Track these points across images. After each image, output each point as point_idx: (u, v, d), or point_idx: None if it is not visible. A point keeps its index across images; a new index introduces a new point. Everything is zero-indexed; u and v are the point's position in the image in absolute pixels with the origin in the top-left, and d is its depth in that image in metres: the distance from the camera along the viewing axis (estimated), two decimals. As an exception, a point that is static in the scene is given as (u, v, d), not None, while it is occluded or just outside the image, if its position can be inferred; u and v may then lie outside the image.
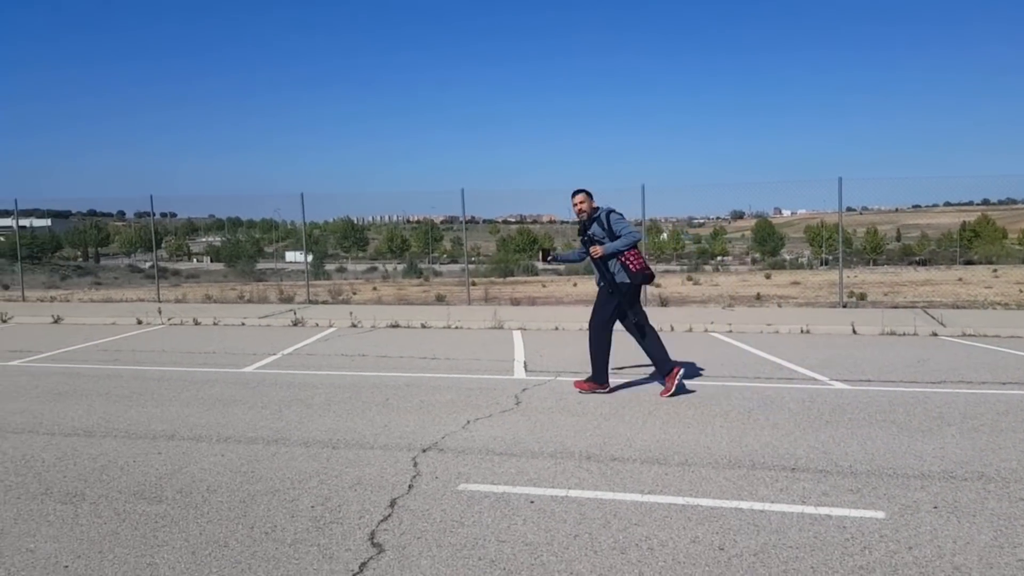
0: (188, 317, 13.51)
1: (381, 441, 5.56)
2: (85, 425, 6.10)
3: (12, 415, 6.43)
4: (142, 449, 5.40)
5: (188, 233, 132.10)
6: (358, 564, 3.52)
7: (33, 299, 19.10)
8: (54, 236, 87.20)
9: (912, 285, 40.14)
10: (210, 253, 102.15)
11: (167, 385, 7.72)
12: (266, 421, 6.19)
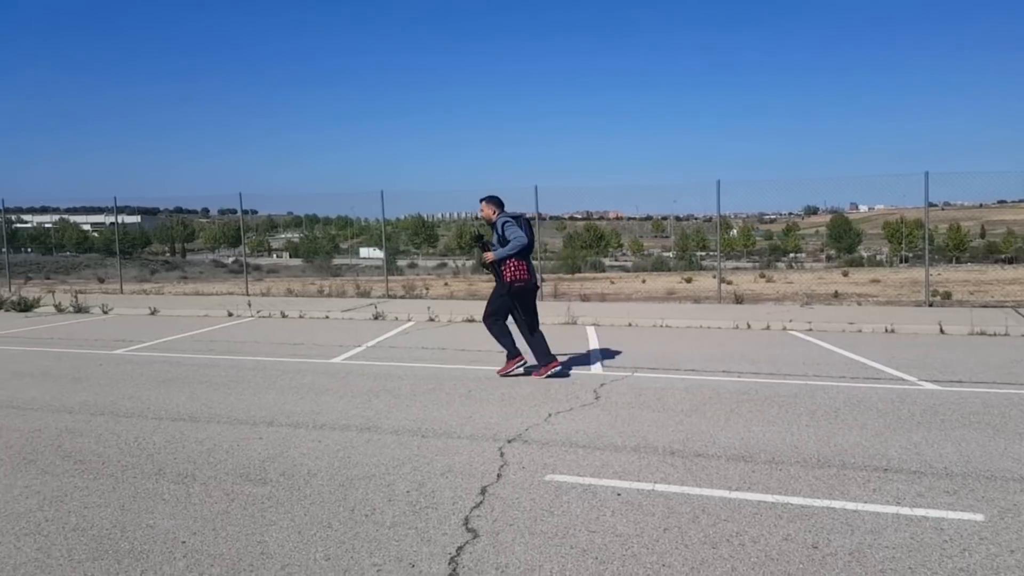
0: (275, 310, 13.95)
1: (467, 431, 5.68)
2: (189, 410, 6.40)
3: (122, 400, 6.79)
4: (244, 434, 5.64)
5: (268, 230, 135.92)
6: (455, 548, 3.62)
7: (129, 292, 19.96)
8: (144, 232, 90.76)
9: (999, 284, 38.59)
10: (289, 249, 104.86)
11: (262, 374, 8.02)
12: (357, 409, 6.39)
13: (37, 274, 41.78)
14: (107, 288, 21.77)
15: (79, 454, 5.14)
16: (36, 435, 5.62)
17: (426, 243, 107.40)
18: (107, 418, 6.14)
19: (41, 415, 6.24)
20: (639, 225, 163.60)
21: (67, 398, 6.87)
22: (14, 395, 6.99)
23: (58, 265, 53.11)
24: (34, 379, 7.78)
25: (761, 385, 7.34)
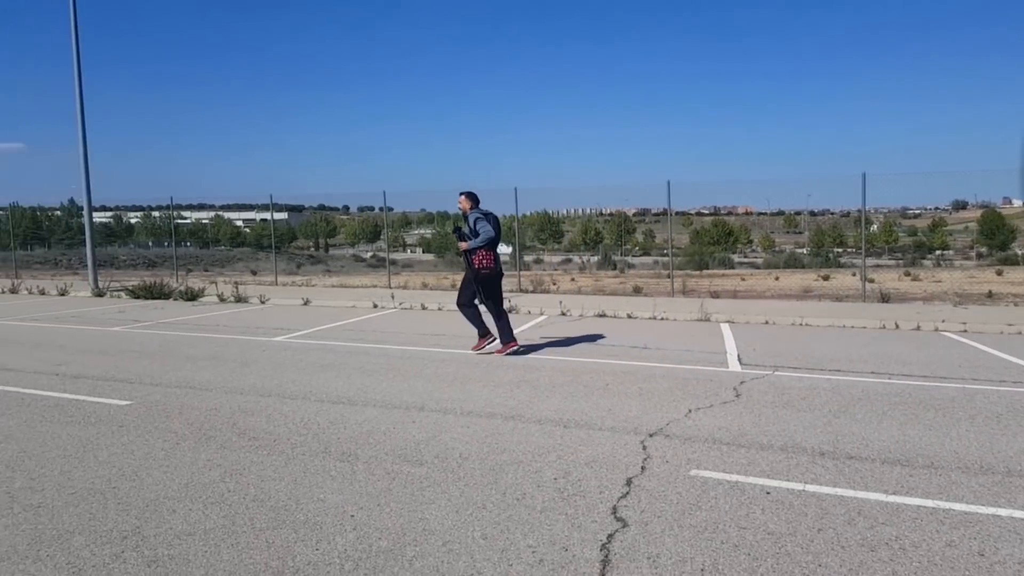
0: (416, 303, 14.44)
1: (608, 423, 5.73)
2: (347, 394, 6.76)
3: (286, 383, 7.25)
4: (399, 418, 5.92)
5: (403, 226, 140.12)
6: (605, 535, 3.69)
7: (282, 284, 21.14)
8: (290, 228, 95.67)
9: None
10: (422, 245, 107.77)
11: (409, 363, 8.35)
12: (500, 399, 6.56)
13: (196, 266, 44.97)
14: (261, 280, 23.17)
15: (252, 432, 5.55)
16: (213, 414, 6.10)
17: (551, 239, 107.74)
18: (274, 399, 6.58)
19: (216, 395, 6.75)
20: (770, 220, 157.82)
21: (237, 380, 7.40)
22: (191, 377, 7.60)
23: (214, 258, 56.85)
24: (207, 362, 8.42)
25: (915, 388, 7.00)
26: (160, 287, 16.15)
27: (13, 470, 4.67)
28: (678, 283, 18.16)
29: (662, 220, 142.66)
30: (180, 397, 6.67)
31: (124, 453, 5.01)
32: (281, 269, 42.07)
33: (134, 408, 6.27)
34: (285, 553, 3.50)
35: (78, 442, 5.27)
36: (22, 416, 6.00)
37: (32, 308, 14.67)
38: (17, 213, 57.94)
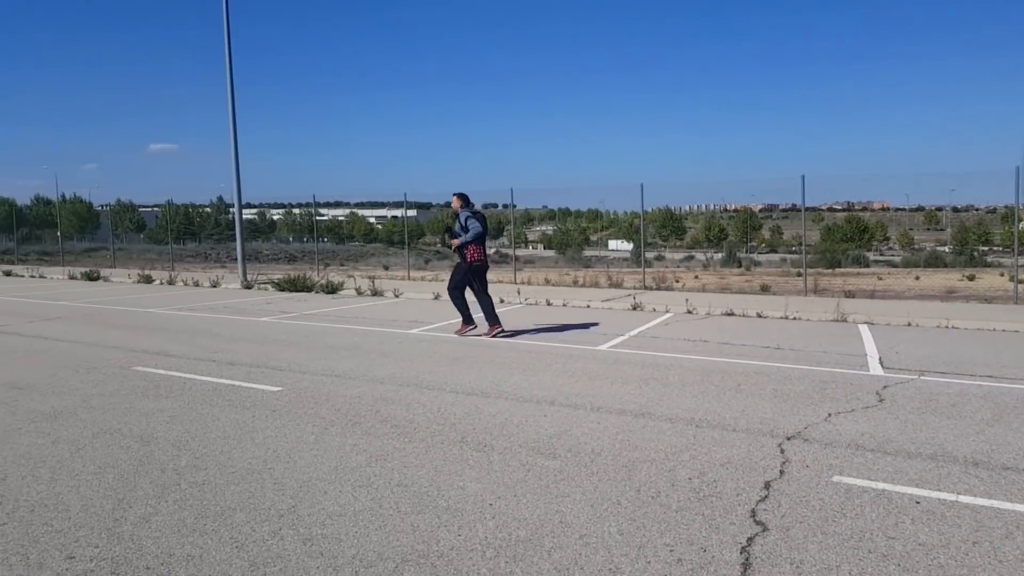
0: (541, 298, 14.55)
1: (742, 425, 5.58)
2: (479, 386, 6.89)
3: (423, 374, 7.47)
4: (530, 411, 5.98)
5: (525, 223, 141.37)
6: (745, 538, 3.60)
7: (414, 279, 21.74)
8: (418, 225, 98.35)
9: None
10: (543, 241, 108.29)
11: (537, 357, 8.42)
12: (630, 395, 6.51)
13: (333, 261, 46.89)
14: (393, 274, 23.98)
15: (393, 420, 5.75)
16: (357, 401, 6.36)
17: (673, 235, 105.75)
18: (412, 389, 6.79)
19: (358, 384, 7.04)
20: (908, 216, 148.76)
21: (377, 370, 7.69)
22: (335, 366, 7.95)
23: (349, 253, 59.22)
24: (348, 352, 8.78)
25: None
26: (303, 280, 16.97)
27: (179, 449, 5.03)
28: (809, 282, 17.44)
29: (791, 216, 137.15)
30: (326, 384, 7.00)
31: (278, 436, 5.31)
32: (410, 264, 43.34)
33: (285, 394, 6.62)
34: (429, 537, 3.61)
35: (236, 425, 5.62)
36: (185, 399, 6.45)
37: (188, 299, 15.74)
38: (171, 210, 62.27)
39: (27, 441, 5.21)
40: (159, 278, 20.35)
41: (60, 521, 3.82)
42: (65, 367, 7.91)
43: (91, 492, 4.22)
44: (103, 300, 15.39)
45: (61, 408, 6.14)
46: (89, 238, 68.08)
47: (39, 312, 13.24)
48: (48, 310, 13.59)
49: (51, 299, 15.74)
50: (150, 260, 33.37)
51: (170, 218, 52.21)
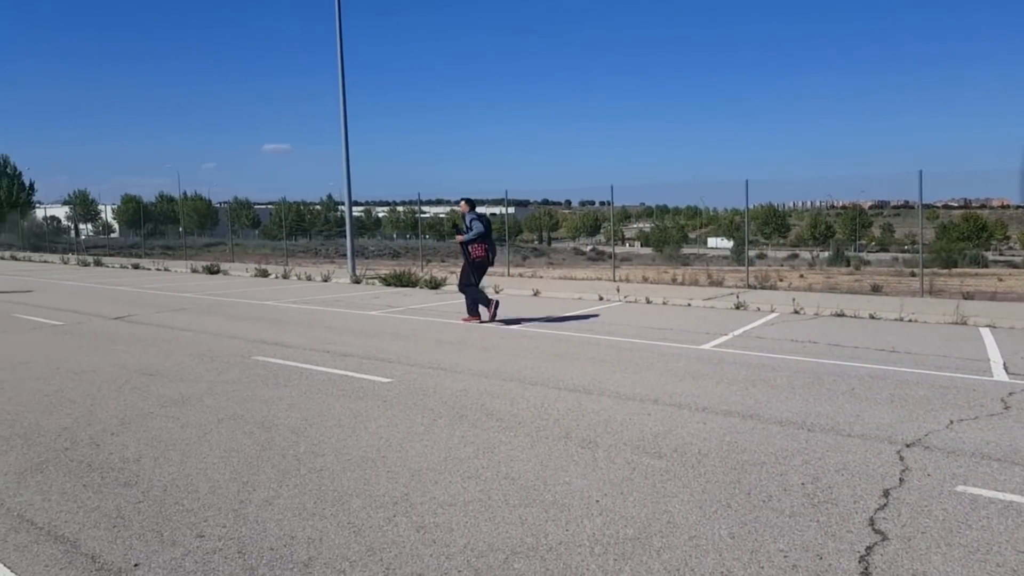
0: (641, 296, 14.38)
1: (856, 430, 5.35)
2: (581, 383, 6.87)
3: (525, 370, 7.50)
4: (633, 409, 5.92)
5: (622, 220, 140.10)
6: (863, 547, 3.45)
7: (512, 275, 21.90)
8: (516, 221, 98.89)
9: None
10: (640, 238, 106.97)
11: (639, 355, 8.32)
12: (735, 396, 6.35)
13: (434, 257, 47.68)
14: (491, 271, 24.20)
15: (499, 413, 5.80)
16: (463, 394, 6.44)
17: (776, 232, 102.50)
18: (515, 384, 6.83)
19: (464, 378, 7.14)
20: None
21: (481, 365, 7.77)
22: (441, 359, 8.09)
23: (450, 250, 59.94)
24: (453, 347, 8.91)
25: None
26: (408, 276, 17.35)
27: (298, 436, 5.23)
28: (925, 282, 16.55)
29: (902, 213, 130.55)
30: (433, 377, 7.13)
31: (389, 426, 5.44)
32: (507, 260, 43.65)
33: (395, 385, 6.78)
34: (538, 531, 3.62)
35: (350, 414, 5.80)
36: (302, 388, 6.70)
37: (301, 292, 16.34)
38: (284, 207, 64.77)
39: (158, 425, 5.52)
40: (274, 272, 21.21)
41: (190, 501, 4.03)
42: (190, 355, 8.35)
43: (218, 475, 4.44)
44: (223, 292, 16.17)
45: (188, 394, 6.48)
46: (208, 233, 71.62)
47: (165, 303, 14.02)
48: (173, 301, 14.38)
49: (175, 291, 16.64)
50: (264, 255, 34.85)
51: (283, 215, 54.38)
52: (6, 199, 58.93)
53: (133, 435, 5.25)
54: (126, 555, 3.39)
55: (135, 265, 26.20)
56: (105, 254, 34.30)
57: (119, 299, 14.89)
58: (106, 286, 18.15)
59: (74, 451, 4.90)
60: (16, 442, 5.10)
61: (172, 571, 3.24)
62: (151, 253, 36.38)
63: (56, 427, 5.46)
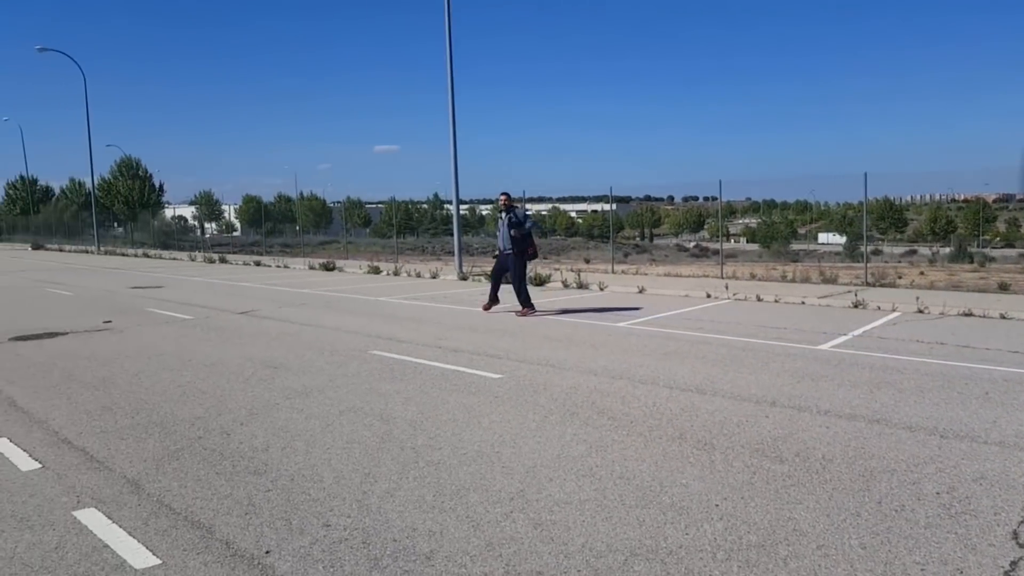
0: (751, 294, 13.92)
1: (994, 437, 4.99)
2: (694, 383, 6.70)
3: (635, 368, 7.38)
4: (750, 411, 5.72)
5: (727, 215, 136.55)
6: (1007, 562, 3.21)
7: (617, 272, 21.67)
8: (618, 218, 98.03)
9: None
10: (746, 234, 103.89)
11: (752, 355, 8.05)
12: (859, 400, 6.04)
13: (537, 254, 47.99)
14: (595, 267, 24.02)
15: (610, 411, 5.72)
16: (573, 391, 6.40)
17: (892, 227, 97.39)
18: (625, 382, 6.73)
19: (573, 375, 7.09)
20: None
21: (590, 362, 7.70)
22: (549, 356, 8.06)
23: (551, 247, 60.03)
24: (561, 343, 8.88)
25: None
26: (512, 273, 17.43)
27: (415, 429, 5.31)
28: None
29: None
30: (543, 374, 7.11)
31: (502, 422, 5.46)
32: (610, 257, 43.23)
33: (505, 381, 6.81)
34: (656, 533, 3.54)
35: (464, 409, 5.85)
36: (416, 382, 6.81)
37: (411, 289, 16.69)
38: (394, 206, 66.38)
39: (284, 416, 5.74)
40: (385, 269, 21.75)
41: (316, 490, 4.16)
42: (311, 349, 8.65)
43: (341, 465, 4.56)
44: (339, 289, 16.71)
45: (311, 386, 6.71)
46: (323, 232, 74.34)
47: (285, 299, 14.61)
48: (293, 297, 14.96)
49: (294, 287, 17.32)
50: (375, 252, 35.79)
51: (393, 214, 55.76)
52: (138, 200, 62.87)
53: (261, 425, 5.47)
54: (257, 542, 3.52)
55: (256, 262, 27.42)
56: (228, 252, 36.07)
57: (243, 295, 15.61)
58: (230, 282, 19.07)
59: (207, 440, 5.14)
60: (154, 430, 5.40)
61: (301, 559, 3.34)
62: (270, 251, 37.99)
63: (190, 416, 5.76)
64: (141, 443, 5.09)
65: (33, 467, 4.63)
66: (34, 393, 6.61)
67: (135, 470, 4.54)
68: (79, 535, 3.62)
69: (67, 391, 6.66)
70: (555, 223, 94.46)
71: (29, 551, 3.47)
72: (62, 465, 4.65)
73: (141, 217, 54.89)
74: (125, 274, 22.79)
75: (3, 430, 5.45)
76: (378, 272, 21.48)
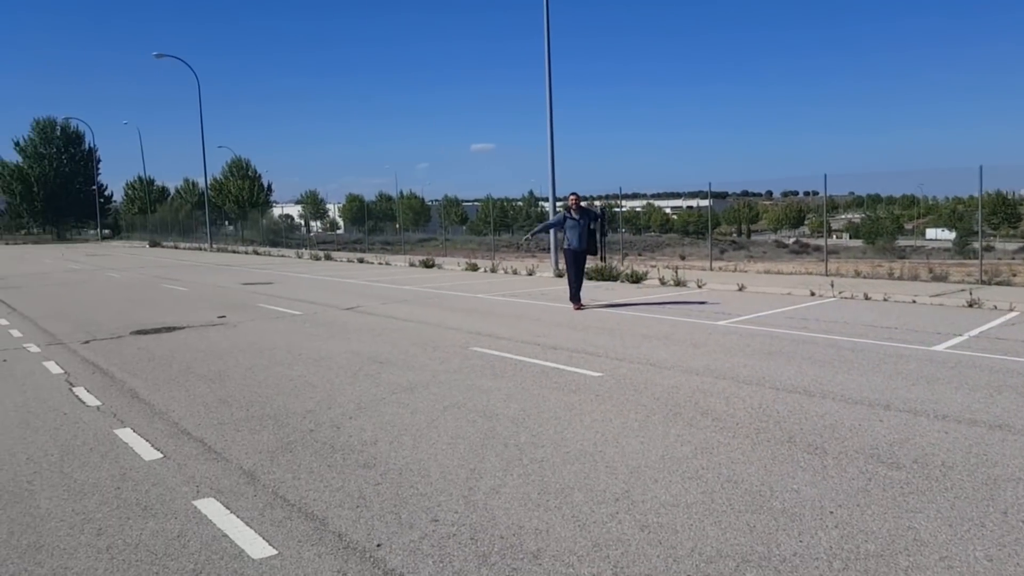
0: (857, 292, 13.32)
1: None
2: (801, 384, 6.46)
3: (738, 368, 7.18)
4: (862, 414, 5.46)
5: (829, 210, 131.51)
6: None
7: (715, 269, 21.17)
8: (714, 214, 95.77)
9: None
10: (849, 230, 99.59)
11: (862, 356, 7.69)
12: (980, 404, 5.68)
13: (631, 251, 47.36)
14: (691, 264, 23.56)
15: (713, 412, 5.58)
16: (674, 391, 6.28)
17: (1005, 223, 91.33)
18: (729, 382, 6.55)
19: (674, 374, 6.95)
20: None
21: (690, 361, 7.54)
22: (649, 354, 7.94)
23: (645, 244, 59.27)
24: (660, 342, 8.73)
25: None
26: (608, 270, 17.26)
27: (518, 426, 5.32)
28: None
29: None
30: (643, 373, 7.01)
31: (603, 420, 5.41)
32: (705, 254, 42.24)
33: (605, 380, 6.74)
34: (768, 540, 3.42)
35: (565, 407, 5.83)
36: (517, 379, 6.83)
37: (508, 286, 16.77)
38: (490, 204, 66.98)
39: (390, 410, 5.84)
40: (482, 266, 21.96)
41: (423, 485, 4.21)
42: (414, 344, 8.81)
43: (447, 460, 4.61)
44: (438, 285, 16.98)
45: (415, 382, 6.82)
46: (421, 229, 75.81)
47: (388, 295, 14.94)
48: (395, 293, 15.29)
49: (396, 284, 17.70)
50: (472, 250, 36.21)
51: (490, 211, 56.29)
52: (248, 199, 65.69)
53: (369, 419, 5.59)
54: (369, 535, 3.58)
55: (360, 259, 28.19)
56: (333, 249, 37.22)
57: (348, 291, 16.07)
58: (335, 279, 19.66)
59: (318, 432, 5.28)
60: (267, 422, 5.57)
61: (411, 553, 3.38)
62: (372, 248, 38.97)
63: (301, 409, 5.92)
64: (256, 435, 5.24)
65: (155, 456, 4.82)
66: (154, 385, 6.91)
67: (251, 461, 4.67)
68: (199, 524, 3.74)
69: (185, 383, 6.95)
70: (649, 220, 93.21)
71: (153, 539, 3.60)
72: (182, 455, 4.83)
73: (251, 216, 57.08)
74: (236, 271, 23.79)
75: (127, 420, 5.71)
76: (475, 269, 21.70)
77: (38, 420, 5.79)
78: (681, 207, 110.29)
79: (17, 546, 3.56)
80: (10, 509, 4.01)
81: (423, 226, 79.62)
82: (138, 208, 72.49)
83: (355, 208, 78.97)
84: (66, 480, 4.43)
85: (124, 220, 75.46)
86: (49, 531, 3.72)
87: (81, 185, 72.32)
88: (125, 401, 6.34)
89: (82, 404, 6.27)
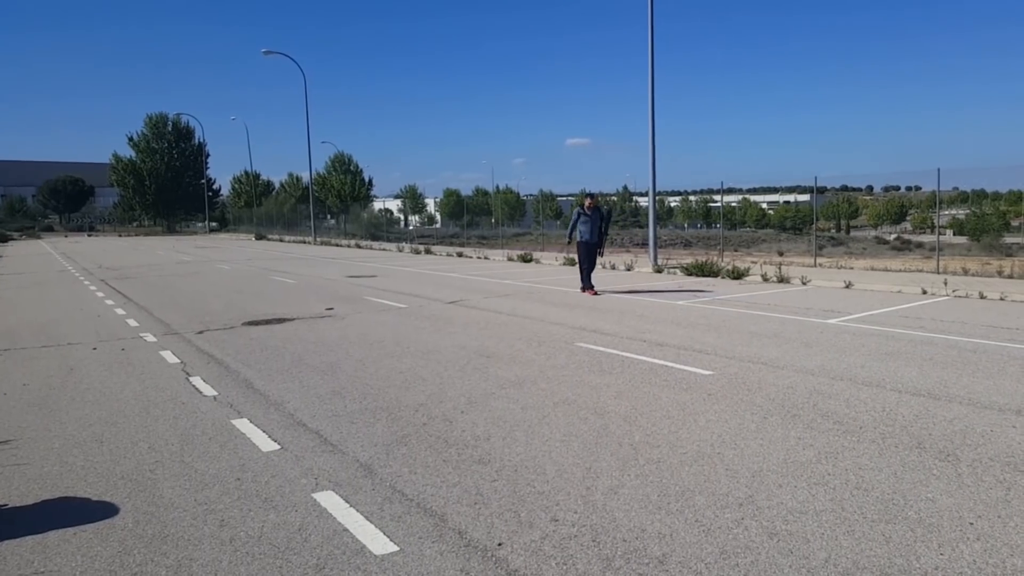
0: (972, 290, 12.47)
1: None
2: (924, 387, 6.06)
3: (855, 368, 6.80)
4: (994, 420, 5.07)
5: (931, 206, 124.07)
6: None
7: (818, 265, 20.30)
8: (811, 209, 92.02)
9: None
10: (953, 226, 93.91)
11: (986, 358, 7.17)
12: None
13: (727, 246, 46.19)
14: (791, 260, 22.73)
15: (835, 415, 5.29)
16: (790, 391, 5.99)
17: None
18: (847, 384, 6.21)
19: (788, 373, 6.65)
20: None
21: (804, 360, 7.20)
22: (759, 353, 7.63)
23: (741, 239, 57.60)
24: (770, 340, 8.38)
25: None
26: (709, 266, 16.80)
27: (630, 424, 5.18)
28: None
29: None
30: (755, 372, 6.73)
31: (719, 421, 5.20)
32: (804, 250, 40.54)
33: (716, 378, 6.51)
34: (907, 552, 3.19)
35: (677, 405, 5.64)
36: (625, 376, 6.68)
37: (609, 281, 16.46)
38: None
39: (500, 405, 5.75)
40: (577, 262, 21.79)
41: (540, 483, 4.10)
42: (519, 339, 8.75)
43: (561, 458, 4.51)
44: (538, 279, 16.92)
45: (523, 377, 6.75)
46: (517, 224, 76.00)
47: (490, 289, 14.97)
48: (496, 287, 15.30)
49: (496, 277, 17.74)
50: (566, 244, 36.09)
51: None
52: (350, 193, 67.14)
53: (480, 414, 5.52)
54: (489, 533, 3.48)
55: (459, 253, 28.46)
56: (431, 243, 37.75)
57: (449, 284, 16.19)
58: (436, 272, 19.87)
59: (431, 426, 5.19)
60: (381, 415, 5.51)
61: (533, 554, 3.27)
62: (468, 242, 39.32)
63: (413, 403, 5.86)
64: (370, 428, 5.17)
65: (273, 448, 4.74)
66: (268, 376, 6.89)
67: (367, 454, 4.59)
68: (320, 517, 3.66)
69: (298, 375, 6.93)
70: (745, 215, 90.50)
71: (275, 531, 3.52)
72: (299, 447, 4.74)
73: (352, 210, 58.12)
74: (341, 263, 24.33)
75: (244, 411, 5.69)
76: (573, 263, 21.50)
77: (157, 409, 5.78)
78: (778, 202, 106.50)
79: (143, 535, 3.52)
80: (135, 497, 3.98)
81: (518, 220, 79.88)
82: (244, 202, 75.08)
83: (452, 203, 79.90)
84: (187, 469, 4.38)
85: (231, 213, 78.28)
86: (173, 521, 3.67)
87: (191, 179, 74.74)
88: (240, 391, 6.34)
89: (199, 393, 6.30)
